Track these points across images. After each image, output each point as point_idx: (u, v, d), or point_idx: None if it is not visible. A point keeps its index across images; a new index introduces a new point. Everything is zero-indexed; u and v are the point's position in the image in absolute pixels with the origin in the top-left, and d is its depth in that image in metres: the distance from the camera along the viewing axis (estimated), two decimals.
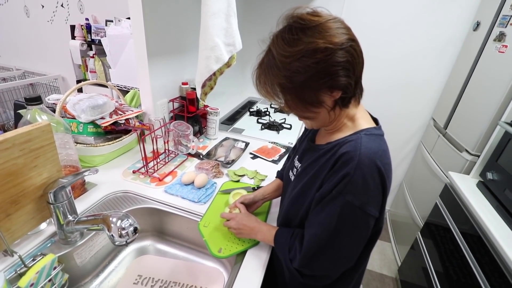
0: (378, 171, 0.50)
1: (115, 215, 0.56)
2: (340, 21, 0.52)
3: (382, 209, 0.54)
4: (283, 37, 0.51)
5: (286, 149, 1.29)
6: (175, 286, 0.76)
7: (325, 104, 0.54)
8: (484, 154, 1.18)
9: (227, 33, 0.97)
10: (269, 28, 0.55)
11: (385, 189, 0.52)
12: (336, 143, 0.57)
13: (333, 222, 0.53)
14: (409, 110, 1.95)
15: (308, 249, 0.57)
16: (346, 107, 0.56)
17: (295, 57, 0.49)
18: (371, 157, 0.50)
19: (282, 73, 0.51)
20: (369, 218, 0.52)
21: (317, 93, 0.52)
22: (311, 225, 0.57)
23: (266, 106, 1.88)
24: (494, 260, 0.89)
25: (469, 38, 1.58)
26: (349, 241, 0.55)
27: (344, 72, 0.50)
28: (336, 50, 0.48)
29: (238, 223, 0.72)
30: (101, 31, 2.23)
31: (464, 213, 1.11)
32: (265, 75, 0.55)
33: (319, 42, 0.48)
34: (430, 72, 1.80)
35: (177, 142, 1.08)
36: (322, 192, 0.55)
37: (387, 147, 0.55)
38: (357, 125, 0.58)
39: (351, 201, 0.50)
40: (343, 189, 0.51)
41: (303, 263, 0.58)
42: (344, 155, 0.52)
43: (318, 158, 0.60)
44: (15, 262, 0.62)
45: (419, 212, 1.64)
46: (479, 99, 1.34)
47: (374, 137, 0.55)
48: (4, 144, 0.53)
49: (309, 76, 0.49)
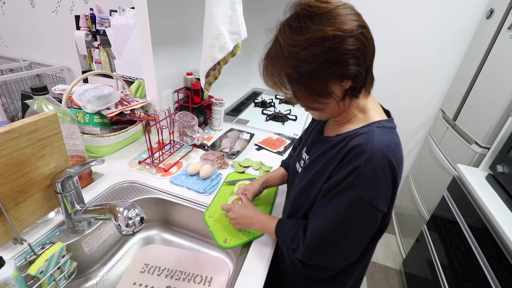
0: (389, 166, 0.49)
1: (122, 205, 0.56)
2: (350, 7, 0.50)
3: (391, 204, 0.53)
4: (291, 26, 0.49)
5: (291, 141, 1.28)
6: (181, 275, 0.77)
7: (334, 95, 0.52)
8: (495, 147, 1.16)
9: (232, 20, 0.95)
10: (275, 16, 0.54)
11: (396, 184, 0.51)
12: (346, 135, 0.55)
13: (339, 215, 0.52)
14: (418, 101, 1.91)
15: (312, 241, 0.56)
16: (356, 97, 0.54)
17: (302, 46, 0.47)
18: (384, 150, 0.49)
19: (290, 63, 0.49)
20: (377, 213, 0.51)
21: (326, 83, 0.50)
22: (317, 216, 0.56)
23: (271, 97, 1.86)
24: (502, 253, 0.88)
25: (482, 26, 1.52)
26: (354, 235, 0.54)
27: (354, 60, 0.48)
28: (345, 37, 0.46)
29: (235, 214, 0.72)
30: (106, 21, 2.22)
31: (472, 206, 1.09)
32: (272, 66, 0.53)
33: (328, 30, 0.46)
34: (440, 61, 1.75)
35: (182, 133, 1.08)
36: (330, 184, 0.54)
37: (400, 141, 0.53)
38: (369, 116, 0.56)
39: (360, 194, 0.49)
40: (353, 182, 0.50)
41: (305, 254, 0.58)
42: (356, 147, 0.50)
43: (327, 150, 0.59)
44: (24, 250, 0.63)
45: (426, 205, 1.63)
46: (491, 89, 1.30)
47: (387, 130, 0.53)
48: (11, 133, 0.53)
49: (317, 65, 0.48)
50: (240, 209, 0.73)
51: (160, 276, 0.76)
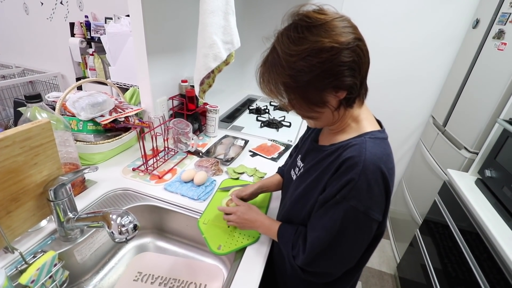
0: (382, 177, 0.50)
1: (115, 212, 0.56)
2: (347, 20, 0.51)
3: (385, 213, 0.54)
4: (288, 35, 0.50)
5: (285, 147, 1.29)
6: (175, 282, 0.76)
7: (329, 104, 0.53)
8: (483, 152, 1.19)
9: (225, 31, 0.97)
10: (268, 26, 0.55)
11: (389, 194, 0.52)
12: (340, 145, 0.56)
13: (336, 226, 0.53)
14: (409, 108, 1.95)
15: (311, 251, 0.57)
16: (351, 107, 0.56)
17: (300, 56, 0.48)
18: (376, 162, 0.50)
19: (287, 72, 0.50)
20: (372, 222, 0.52)
21: (321, 93, 0.52)
22: (314, 227, 0.58)
23: (265, 104, 1.88)
24: (492, 257, 0.90)
25: (469, 36, 1.58)
26: (351, 244, 0.55)
27: (349, 72, 0.49)
28: (342, 49, 0.47)
29: (239, 218, 0.72)
30: (101, 29, 2.23)
31: (463, 210, 1.11)
32: (269, 74, 0.54)
33: (325, 41, 0.47)
34: (429, 69, 1.80)
35: (176, 140, 1.08)
36: (325, 196, 0.55)
37: (391, 151, 0.55)
38: (361, 127, 0.57)
39: (356, 206, 0.50)
40: (347, 194, 0.51)
41: (305, 262, 0.59)
42: (349, 159, 0.51)
43: (322, 160, 0.60)
44: (15, 259, 0.62)
45: (418, 209, 1.65)
46: (478, 96, 1.34)
47: (379, 141, 0.54)
48: (4, 141, 0.53)
49: (314, 75, 0.49)
50: (244, 212, 0.73)
51: (154, 284, 0.75)
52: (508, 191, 0.99)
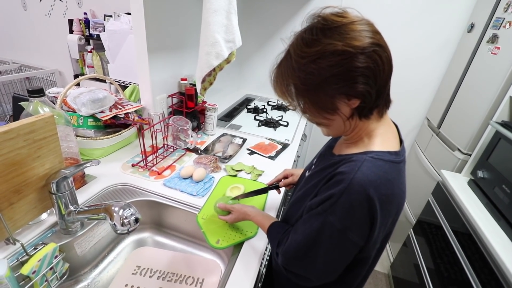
0: (368, 201, 0.46)
1: (117, 204, 0.57)
2: (368, 24, 0.48)
3: (369, 239, 0.50)
4: (303, 37, 0.49)
5: (283, 146, 1.31)
6: (173, 276, 0.78)
7: (340, 112, 0.51)
8: (476, 153, 1.22)
9: (228, 30, 0.99)
10: (266, 26, 0.56)
11: (374, 221, 0.48)
12: (343, 158, 0.54)
13: (312, 235, 0.52)
14: (404, 110, 1.98)
15: (287, 251, 0.57)
16: (366, 118, 0.52)
17: (311, 58, 0.47)
18: (364, 184, 0.46)
19: (297, 74, 0.49)
20: (348, 242, 0.50)
21: (332, 99, 0.49)
22: (295, 230, 0.57)
23: (263, 104, 1.90)
24: (484, 257, 0.92)
25: (464, 40, 1.61)
26: (325, 258, 0.53)
27: (363, 79, 0.46)
28: (355, 54, 0.45)
29: (238, 211, 0.74)
30: (100, 26, 2.23)
31: (455, 211, 1.14)
32: (281, 75, 0.53)
33: (338, 44, 0.45)
34: (425, 73, 1.83)
35: (175, 137, 1.09)
36: (312, 204, 0.54)
37: (398, 177, 0.50)
38: (370, 144, 0.53)
39: (333, 222, 0.49)
40: (328, 208, 0.49)
41: (282, 261, 0.59)
42: (338, 174, 0.50)
43: (326, 168, 0.58)
44: (17, 251, 0.63)
45: (412, 210, 1.68)
46: (472, 99, 1.37)
47: (382, 163, 0.49)
48: (8, 134, 0.54)
49: (323, 79, 0.47)
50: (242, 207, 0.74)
51: (152, 278, 0.77)
52: (499, 191, 1.02)
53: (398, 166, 0.51)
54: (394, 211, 0.51)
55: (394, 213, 0.52)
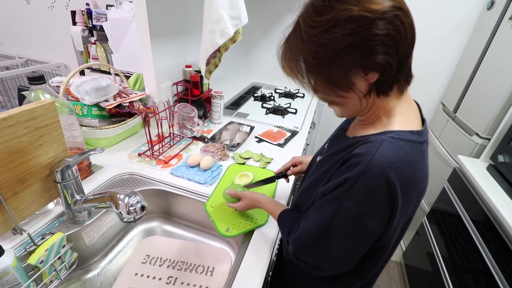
0: (387, 185, 0.42)
1: (123, 192, 0.55)
2: None
3: (388, 227, 0.46)
4: (313, 5, 0.43)
5: (291, 133, 1.27)
6: (183, 265, 0.76)
7: (356, 88, 0.45)
8: (496, 137, 1.15)
9: (233, 5, 0.93)
10: (273, 12, 0.51)
11: (394, 207, 0.43)
12: (359, 139, 0.49)
13: (325, 223, 0.49)
14: (418, 95, 1.87)
15: (298, 240, 0.54)
16: (385, 95, 0.47)
17: (323, 28, 0.41)
18: (383, 167, 0.41)
19: (307, 47, 0.44)
20: (365, 230, 0.46)
21: (346, 73, 0.44)
22: (308, 218, 0.54)
23: (270, 91, 1.85)
24: (505, 243, 0.88)
25: (483, 18, 1.51)
26: (339, 247, 0.49)
27: (383, 48, 0.41)
28: (374, 20, 0.39)
29: (248, 198, 0.71)
30: (102, 16, 2.20)
31: (474, 197, 1.09)
32: (290, 50, 0.47)
33: (354, 9, 0.39)
34: (440, 55, 1.74)
35: (182, 126, 1.07)
36: (324, 189, 0.50)
37: (420, 158, 0.45)
38: (390, 123, 0.48)
39: (348, 208, 0.45)
40: (342, 194, 0.45)
41: (293, 250, 0.56)
42: (354, 156, 0.45)
43: (339, 151, 0.53)
44: (24, 241, 0.62)
45: (426, 198, 1.63)
46: (491, 80, 1.30)
47: (403, 143, 0.44)
48: (8, 121, 0.52)
49: (337, 50, 0.42)
50: (252, 193, 0.71)
51: (162, 267, 0.75)
52: None
53: (421, 147, 0.46)
54: (416, 196, 0.46)
55: (416, 198, 0.46)
